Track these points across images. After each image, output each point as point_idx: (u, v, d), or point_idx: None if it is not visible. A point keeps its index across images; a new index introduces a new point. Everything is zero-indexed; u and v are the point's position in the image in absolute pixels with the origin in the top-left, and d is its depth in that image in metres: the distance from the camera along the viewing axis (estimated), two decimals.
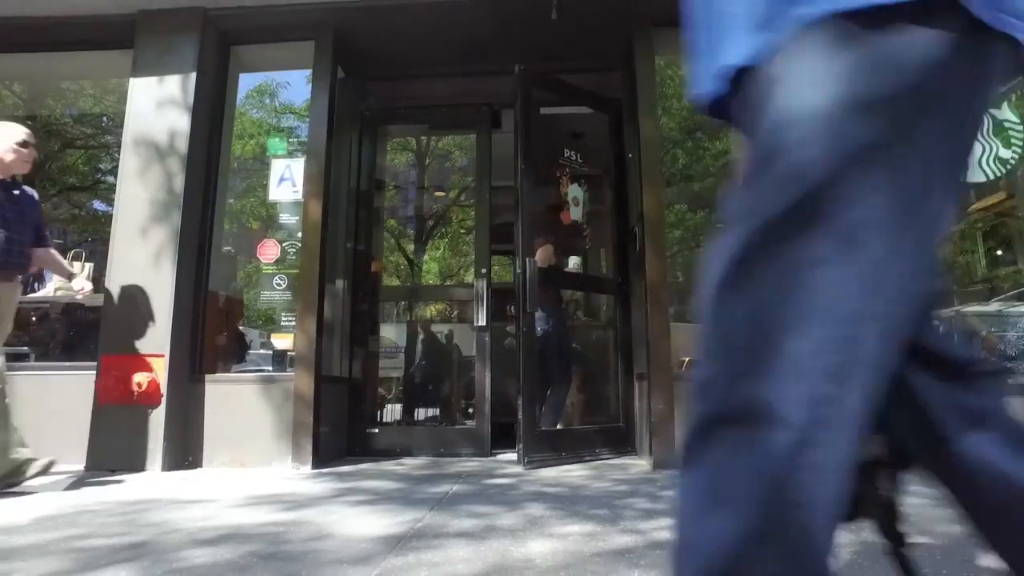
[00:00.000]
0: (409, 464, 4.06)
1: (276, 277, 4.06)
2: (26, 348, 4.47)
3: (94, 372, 3.82)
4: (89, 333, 4.47)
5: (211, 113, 4.20)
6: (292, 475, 3.59)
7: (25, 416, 3.85)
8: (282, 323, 4.02)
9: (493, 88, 5.00)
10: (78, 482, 3.29)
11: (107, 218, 6.16)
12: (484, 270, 4.64)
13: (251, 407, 3.85)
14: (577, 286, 5.88)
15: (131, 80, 4.12)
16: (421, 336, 5.14)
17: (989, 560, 0.78)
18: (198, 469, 3.77)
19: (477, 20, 4.24)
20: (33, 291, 4.70)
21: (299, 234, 4.06)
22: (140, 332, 3.78)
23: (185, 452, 3.79)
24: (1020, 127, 3.89)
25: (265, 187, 4.23)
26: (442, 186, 6.14)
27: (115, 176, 6.11)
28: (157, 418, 3.70)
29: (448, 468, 3.86)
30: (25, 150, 3.17)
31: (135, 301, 3.82)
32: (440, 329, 5.19)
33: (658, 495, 2.86)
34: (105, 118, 5.94)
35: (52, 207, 5.86)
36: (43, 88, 5.52)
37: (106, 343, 3.80)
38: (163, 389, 3.72)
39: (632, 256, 4.45)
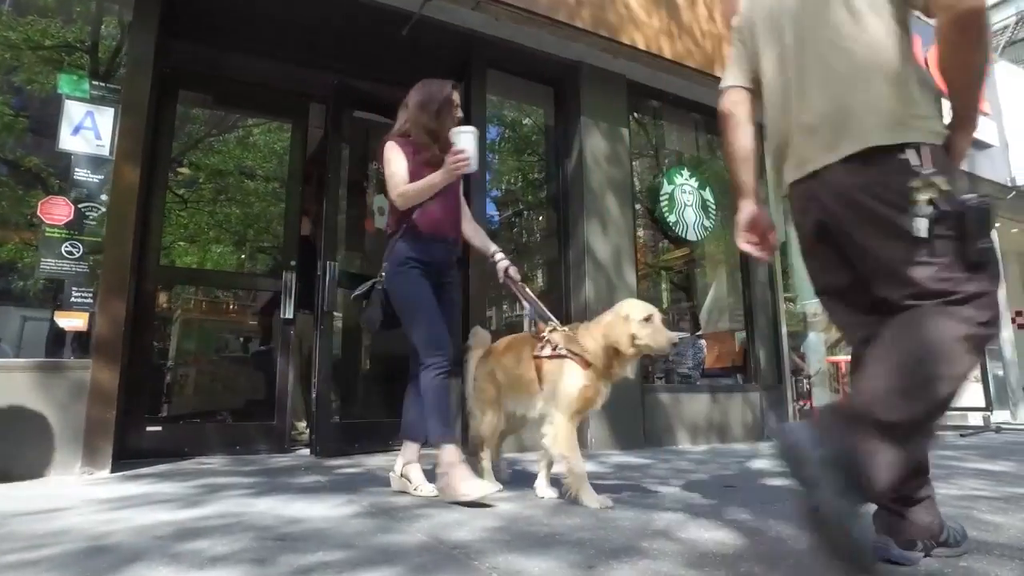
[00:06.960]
0: (218, 462, 3.77)
1: (67, 243, 3.30)
2: None
3: None
4: None
5: None
6: (90, 480, 3.05)
7: None
8: (72, 299, 3.28)
9: (316, 82, 4.95)
10: None
11: None
12: (293, 262, 4.56)
13: (12, 402, 3.08)
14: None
15: None
16: (214, 325, 4.64)
17: None
18: None
19: (326, 16, 4.24)
20: None
21: (102, 196, 3.41)
22: None
23: None
24: (715, 207, 5.83)
25: (49, 131, 3.40)
26: (247, 171, 5.53)
27: None
28: None
29: (271, 463, 3.76)
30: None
31: None
32: (238, 319, 4.75)
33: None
34: None
35: None
36: None
37: None
38: None
39: None
